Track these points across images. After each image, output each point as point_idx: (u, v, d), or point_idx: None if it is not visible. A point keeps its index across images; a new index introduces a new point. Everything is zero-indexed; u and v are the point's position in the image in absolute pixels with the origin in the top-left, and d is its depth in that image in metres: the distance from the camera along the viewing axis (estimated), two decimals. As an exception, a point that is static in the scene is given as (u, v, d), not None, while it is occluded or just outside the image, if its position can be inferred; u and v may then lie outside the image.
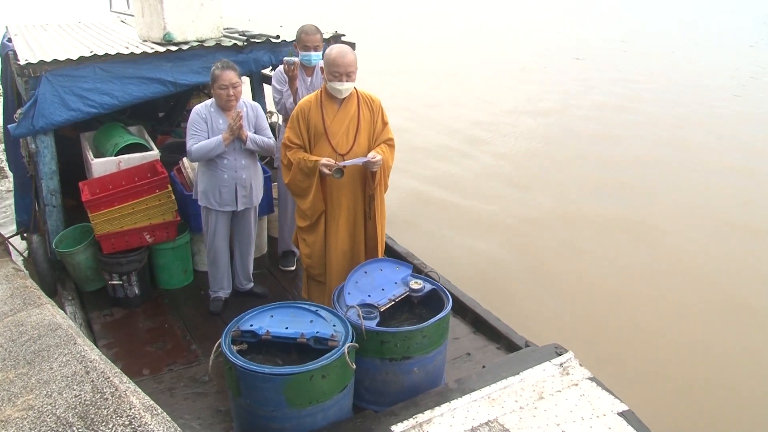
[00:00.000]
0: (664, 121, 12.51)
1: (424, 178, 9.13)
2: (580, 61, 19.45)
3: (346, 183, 3.61)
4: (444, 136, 11.41)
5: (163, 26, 4.71)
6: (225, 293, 4.51)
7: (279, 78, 4.48)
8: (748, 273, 6.51)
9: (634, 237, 7.31)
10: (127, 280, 4.42)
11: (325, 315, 3.06)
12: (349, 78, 3.48)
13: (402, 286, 3.40)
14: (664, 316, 5.69)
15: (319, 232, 3.77)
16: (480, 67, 17.95)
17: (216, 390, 3.60)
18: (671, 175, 9.45)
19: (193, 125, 4.02)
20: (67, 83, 4.24)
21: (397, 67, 17.12)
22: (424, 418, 2.90)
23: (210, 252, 4.37)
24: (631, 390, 3.69)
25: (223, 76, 3.90)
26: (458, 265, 6.30)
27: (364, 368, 3.10)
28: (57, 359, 2.76)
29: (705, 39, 25.60)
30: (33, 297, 3.45)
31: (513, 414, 2.93)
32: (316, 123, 3.58)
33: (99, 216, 4.32)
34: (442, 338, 3.27)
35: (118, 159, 4.71)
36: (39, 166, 4.47)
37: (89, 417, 2.35)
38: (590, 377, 3.19)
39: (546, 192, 8.70)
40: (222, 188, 4.12)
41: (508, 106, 13.49)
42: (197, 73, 4.69)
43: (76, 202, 5.11)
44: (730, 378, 4.91)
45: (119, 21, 7.14)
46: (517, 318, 4.46)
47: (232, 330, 2.94)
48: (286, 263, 5.09)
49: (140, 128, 5.57)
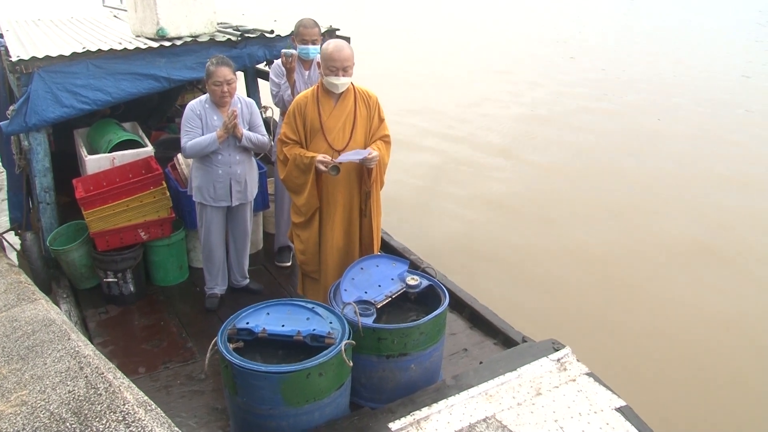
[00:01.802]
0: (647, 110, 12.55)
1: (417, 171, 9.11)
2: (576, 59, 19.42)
3: (342, 179, 3.59)
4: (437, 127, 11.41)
5: (156, 21, 4.67)
6: (220, 290, 4.49)
7: (277, 71, 4.46)
8: (746, 268, 6.52)
9: (632, 232, 7.32)
10: (122, 277, 4.39)
11: (321, 312, 3.04)
12: (346, 73, 3.46)
13: (399, 282, 3.39)
14: (662, 312, 5.70)
15: (313, 229, 3.75)
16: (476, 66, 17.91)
17: (212, 388, 3.58)
18: (667, 163, 9.48)
19: (187, 121, 4.00)
20: (60, 80, 4.21)
21: (391, 63, 17.07)
22: (422, 414, 2.88)
23: (205, 248, 4.34)
24: (629, 385, 3.68)
25: (218, 72, 3.87)
26: (453, 259, 6.30)
27: (361, 365, 3.09)
28: (51, 355, 2.74)
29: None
30: (27, 292, 3.42)
31: (511, 410, 2.92)
32: (313, 119, 3.56)
33: (93, 213, 4.28)
34: (440, 334, 3.26)
35: (112, 156, 4.68)
36: (32, 164, 4.43)
37: (83, 413, 2.33)
38: (588, 373, 3.18)
39: (543, 188, 8.70)
40: (216, 184, 4.09)
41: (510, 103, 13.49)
42: (191, 68, 4.66)
43: (69, 199, 5.08)
44: (728, 373, 4.93)
45: (112, 16, 7.08)
46: (514, 313, 4.46)
47: (228, 328, 2.92)
48: (281, 259, 5.07)
49: (134, 125, 5.53)
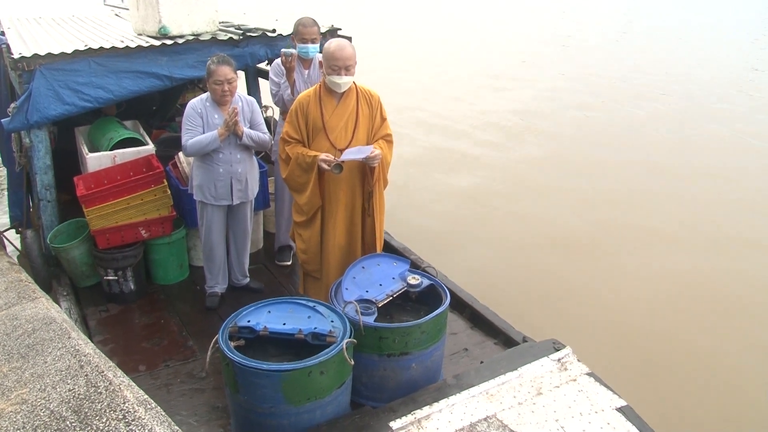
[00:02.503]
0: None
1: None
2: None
3: (345, 178, 3.59)
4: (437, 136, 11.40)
5: (158, 20, 4.66)
6: (221, 288, 4.49)
7: (277, 70, 4.46)
8: (744, 273, 6.51)
9: (632, 232, 7.32)
10: (122, 275, 4.39)
11: (322, 311, 3.04)
12: (348, 72, 3.46)
13: (400, 281, 3.39)
14: (662, 312, 5.70)
15: (315, 228, 3.75)
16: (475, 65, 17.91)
17: (213, 386, 3.58)
18: (668, 166, 9.48)
19: (188, 120, 3.99)
20: (62, 77, 4.20)
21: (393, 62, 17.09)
22: (423, 414, 2.88)
23: (205, 247, 4.34)
24: (630, 385, 3.69)
25: (219, 71, 3.87)
26: (454, 260, 6.29)
27: (362, 364, 3.09)
28: (51, 353, 2.74)
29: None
30: (27, 291, 3.42)
31: (512, 410, 2.92)
32: (315, 117, 3.56)
33: (94, 211, 4.28)
34: (440, 334, 3.26)
35: (113, 154, 4.68)
36: (33, 161, 4.43)
37: (83, 411, 2.34)
38: (588, 373, 3.18)
39: (543, 189, 8.70)
40: (217, 182, 4.09)
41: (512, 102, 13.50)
42: (193, 67, 4.66)
43: (70, 196, 5.08)
44: (729, 373, 4.93)
45: (113, 14, 7.08)
46: (514, 313, 4.45)
47: (230, 326, 2.91)
48: (282, 258, 5.07)
49: (135, 123, 5.53)
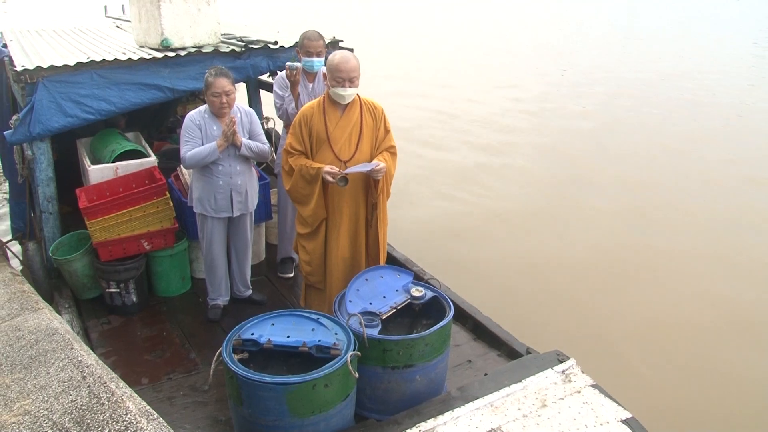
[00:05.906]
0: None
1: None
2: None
3: (348, 190, 3.59)
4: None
5: (160, 32, 4.68)
6: (223, 300, 4.48)
7: (281, 83, 4.47)
8: (751, 281, 6.50)
9: (635, 238, 7.32)
10: (124, 287, 4.38)
11: (326, 323, 3.03)
12: (352, 84, 3.47)
13: (403, 293, 3.38)
14: (667, 323, 5.68)
15: (319, 240, 3.75)
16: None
17: (216, 399, 3.56)
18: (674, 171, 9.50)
19: (187, 132, 4.00)
20: (64, 89, 4.22)
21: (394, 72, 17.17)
22: (427, 426, 2.87)
23: (207, 259, 4.33)
24: (634, 397, 3.66)
25: (216, 83, 3.88)
26: (458, 271, 6.28)
27: (366, 377, 3.07)
28: (54, 364, 2.75)
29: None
30: (30, 302, 3.42)
31: (516, 422, 2.90)
32: (319, 129, 3.56)
33: (96, 223, 4.28)
34: (444, 346, 3.25)
35: (115, 165, 4.68)
36: (35, 173, 4.43)
37: (85, 422, 2.34)
38: (593, 384, 3.17)
39: (545, 196, 8.70)
40: (217, 194, 4.09)
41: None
42: (195, 79, 4.67)
43: (71, 208, 5.08)
44: (735, 386, 4.90)
45: (114, 27, 7.11)
46: (517, 324, 4.44)
47: (233, 338, 2.91)
48: (284, 270, 5.06)
49: (137, 134, 5.54)
